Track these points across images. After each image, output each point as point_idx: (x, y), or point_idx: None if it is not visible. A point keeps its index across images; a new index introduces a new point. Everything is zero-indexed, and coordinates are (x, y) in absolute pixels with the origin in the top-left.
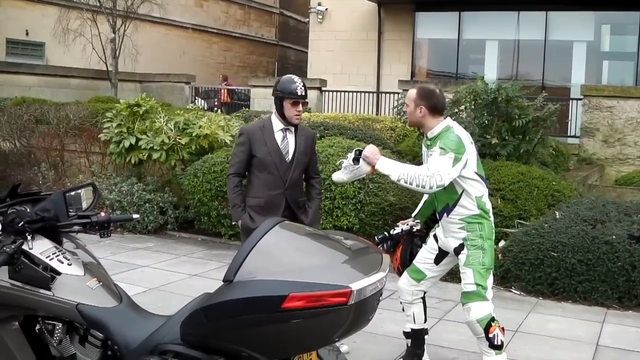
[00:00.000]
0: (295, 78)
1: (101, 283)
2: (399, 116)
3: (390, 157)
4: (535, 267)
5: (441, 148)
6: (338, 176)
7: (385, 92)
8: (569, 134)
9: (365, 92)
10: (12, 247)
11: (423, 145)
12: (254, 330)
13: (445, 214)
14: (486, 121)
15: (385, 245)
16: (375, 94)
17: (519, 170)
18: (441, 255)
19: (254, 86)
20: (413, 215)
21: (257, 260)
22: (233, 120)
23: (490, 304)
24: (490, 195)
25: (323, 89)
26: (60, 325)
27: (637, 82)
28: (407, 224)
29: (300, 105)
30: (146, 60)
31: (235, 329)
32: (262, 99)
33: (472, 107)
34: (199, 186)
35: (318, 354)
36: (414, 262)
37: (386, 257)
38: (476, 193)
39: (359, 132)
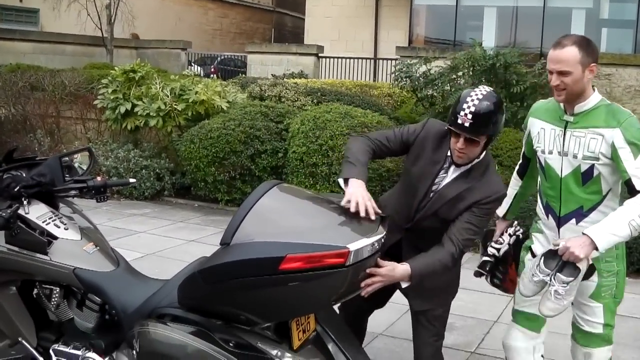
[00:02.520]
0: (476, 95)
1: (98, 247)
2: (396, 82)
3: (388, 124)
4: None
5: (632, 144)
6: (558, 310)
7: (383, 59)
8: None
9: (362, 58)
10: (8, 211)
11: (552, 126)
12: (251, 293)
13: (573, 220)
14: None
15: (498, 274)
16: (372, 61)
17: (516, 136)
18: None
19: (251, 52)
20: (501, 215)
21: (254, 223)
22: (230, 86)
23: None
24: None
25: (320, 55)
26: (58, 289)
27: (636, 50)
28: (509, 233)
29: (463, 141)
30: (142, 26)
31: (233, 292)
32: (258, 65)
33: (470, 73)
34: (195, 152)
35: (316, 318)
36: (519, 309)
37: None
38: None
39: (356, 98)
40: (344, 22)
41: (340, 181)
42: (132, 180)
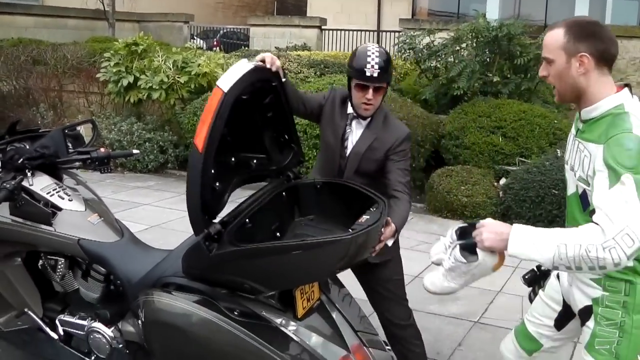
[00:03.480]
0: (373, 49)
1: (102, 218)
2: (399, 54)
3: (392, 96)
4: (536, 205)
5: (608, 168)
6: (443, 288)
7: (386, 31)
8: None
9: (365, 30)
10: (12, 183)
11: (572, 129)
12: (255, 262)
13: None
14: (488, 59)
15: (536, 288)
16: (375, 33)
17: (520, 108)
18: (566, 315)
19: (253, 25)
20: None
21: None
22: (232, 59)
23: None
24: (492, 133)
25: (323, 27)
26: (63, 260)
27: None
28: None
29: (371, 91)
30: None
31: (237, 260)
32: (261, 38)
33: (474, 45)
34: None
35: (320, 287)
36: (525, 319)
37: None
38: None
39: None
40: None
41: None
42: (135, 151)
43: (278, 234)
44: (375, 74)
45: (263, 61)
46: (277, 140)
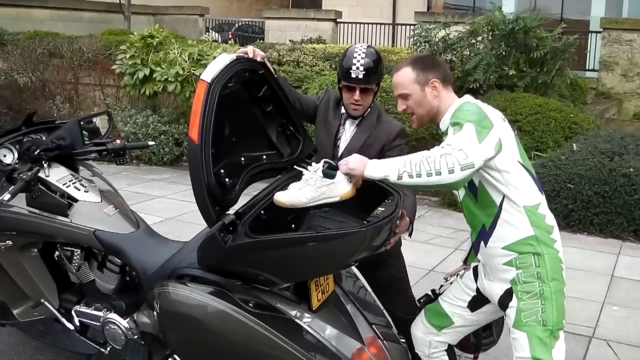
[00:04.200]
0: (360, 50)
1: (118, 210)
2: (415, 47)
3: None
4: (552, 199)
5: (454, 124)
6: (291, 196)
7: (401, 24)
8: (587, 68)
9: (381, 24)
10: (29, 174)
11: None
12: (270, 253)
13: (482, 243)
14: (503, 52)
15: None
16: (391, 26)
17: (536, 102)
18: (480, 299)
19: (268, 18)
20: (462, 260)
21: None
22: None
23: None
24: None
25: (338, 20)
26: (79, 251)
27: None
28: (458, 274)
29: (358, 93)
30: None
31: (252, 252)
32: (276, 31)
33: (489, 38)
34: None
35: (335, 279)
36: (439, 299)
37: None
38: (526, 200)
39: None
40: None
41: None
42: (151, 143)
43: (293, 225)
44: (361, 76)
45: (245, 54)
46: (283, 133)
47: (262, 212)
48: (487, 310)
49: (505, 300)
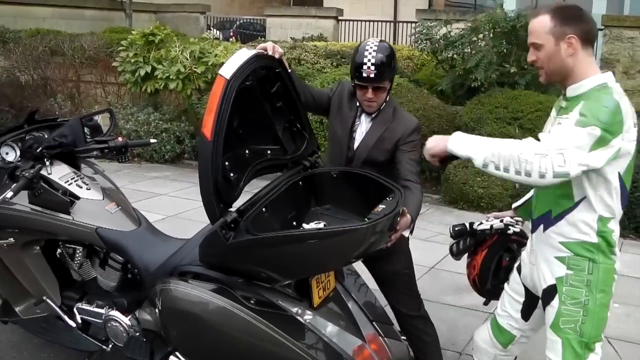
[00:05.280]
0: (371, 48)
1: (120, 207)
2: (416, 44)
3: (408, 87)
4: None
5: (581, 115)
6: None
7: (403, 22)
8: None
9: (382, 21)
10: (31, 172)
11: (553, 110)
12: (271, 250)
13: (541, 226)
14: (505, 50)
15: (461, 243)
16: (392, 24)
17: (537, 99)
18: (530, 304)
19: (269, 16)
20: (514, 207)
21: None
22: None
23: None
24: (508, 124)
25: (340, 18)
26: (81, 249)
27: None
28: (502, 220)
29: (370, 91)
30: None
31: (253, 249)
32: (277, 28)
33: (491, 35)
34: None
35: (336, 276)
36: (495, 314)
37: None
38: (604, 210)
39: None
40: None
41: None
42: (152, 140)
43: (294, 222)
44: (372, 75)
45: (265, 50)
46: (289, 130)
47: (263, 209)
48: (539, 313)
49: (547, 297)
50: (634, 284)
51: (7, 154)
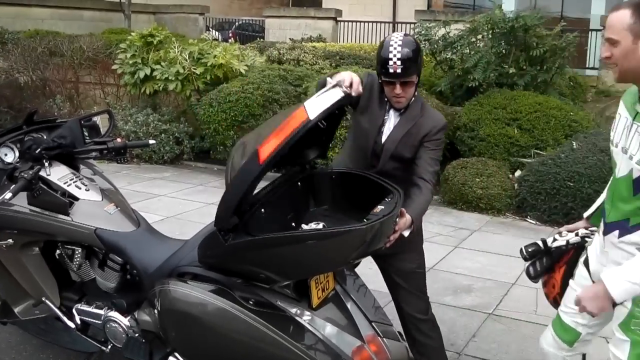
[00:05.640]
0: (396, 43)
1: (119, 208)
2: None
3: None
4: (551, 197)
5: None
6: None
7: (401, 23)
8: (587, 66)
9: (381, 22)
10: (30, 173)
11: (624, 112)
12: (270, 251)
13: (616, 231)
14: (503, 50)
15: (538, 264)
16: (391, 25)
17: (536, 100)
18: None
19: (268, 17)
20: (585, 215)
21: None
22: (248, 50)
23: None
24: (507, 125)
25: (338, 19)
26: (80, 250)
27: None
28: (577, 233)
29: (398, 86)
30: None
31: (252, 250)
32: (276, 29)
33: (489, 36)
34: (214, 116)
35: (335, 277)
36: (559, 312)
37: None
38: None
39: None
40: None
41: (329, 79)
42: (151, 141)
43: (293, 223)
44: (399, 70)
45: (350, 85)
46: (316, 139)
47: (262, 210)
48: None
49: None
50: None
51: (5, 155)
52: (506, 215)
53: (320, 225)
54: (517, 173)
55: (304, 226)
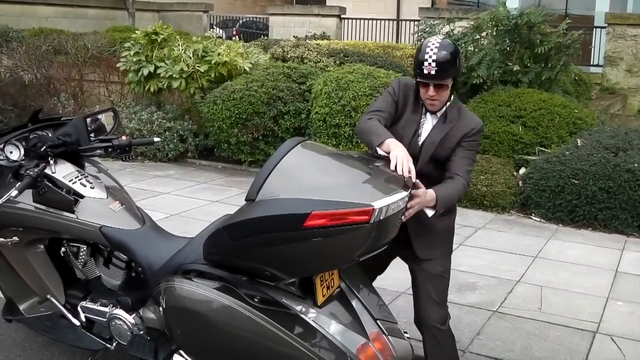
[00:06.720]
0: (433, 45)
1: (124, 206)
2: (419, 42)
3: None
4: (556, 194)
5: None
6: None
7: (405, 20)
8: (591, 63)
9: (385, 19)
10: (36, 170)
11: None
12: (275, 249)
13: None
14: (508, 48)
15: None
16: (395, 22)
17: (540, 97)
18: None
19: (272, 14)
20: None
21: (279, 180)
22: (252, 47)
23: None
24: (511, 122)
25: (342, 16)
26: (85, 247)
27: None
28: None
29: (432, 88)
30: None
31: (257, 247)
32: (280, 27)
33: (494, 33)
34: (218, 114)
35: (340, 274)
36: None
37: (408, 177)
38: None
39: (379, 59)
40: None
41: (379, 150)
42: (156, 139)
43: None
44: (433, 72)
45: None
46: None
47: None
48: None
49: None
50: (638, 282)
51: (11, 152)
52: (510, 213)
53: None
54: (522, 170)
55: None
